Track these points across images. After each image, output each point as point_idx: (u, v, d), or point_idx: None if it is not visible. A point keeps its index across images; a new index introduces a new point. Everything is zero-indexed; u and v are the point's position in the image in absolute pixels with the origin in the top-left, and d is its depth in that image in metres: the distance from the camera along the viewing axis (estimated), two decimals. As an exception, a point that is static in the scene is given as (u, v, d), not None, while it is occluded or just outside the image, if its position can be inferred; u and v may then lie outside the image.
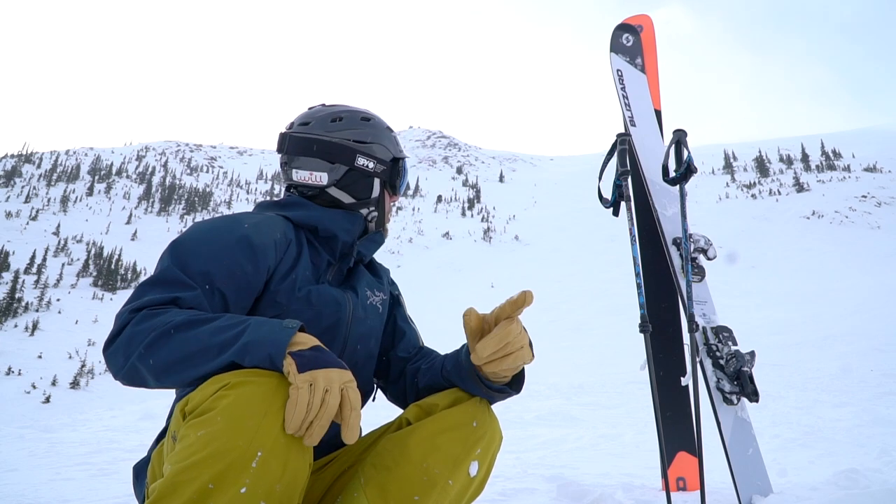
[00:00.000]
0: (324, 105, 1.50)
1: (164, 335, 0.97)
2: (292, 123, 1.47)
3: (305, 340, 0.96)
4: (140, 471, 1.19)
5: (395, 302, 1.53)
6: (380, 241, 1.46)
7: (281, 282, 1.22)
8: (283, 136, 1.46)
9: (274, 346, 0.93)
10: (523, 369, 1.20)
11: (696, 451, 2.27)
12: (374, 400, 1.44)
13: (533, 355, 1.14)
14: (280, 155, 1.46)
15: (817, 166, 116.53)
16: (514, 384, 1.21)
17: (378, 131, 1.46)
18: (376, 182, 1.43)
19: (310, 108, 1.50)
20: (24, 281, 79.25)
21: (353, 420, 0.92)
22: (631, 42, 3.02)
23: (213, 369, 0.96)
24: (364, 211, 1.43)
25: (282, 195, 1.48)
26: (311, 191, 1.43)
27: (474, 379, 1.16)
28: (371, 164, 1.42)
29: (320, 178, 1.40)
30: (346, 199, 1.42)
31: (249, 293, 1.17)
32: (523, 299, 1.07)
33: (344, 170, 1.41)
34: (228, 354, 0.95)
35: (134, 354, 0.98)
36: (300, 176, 1.41)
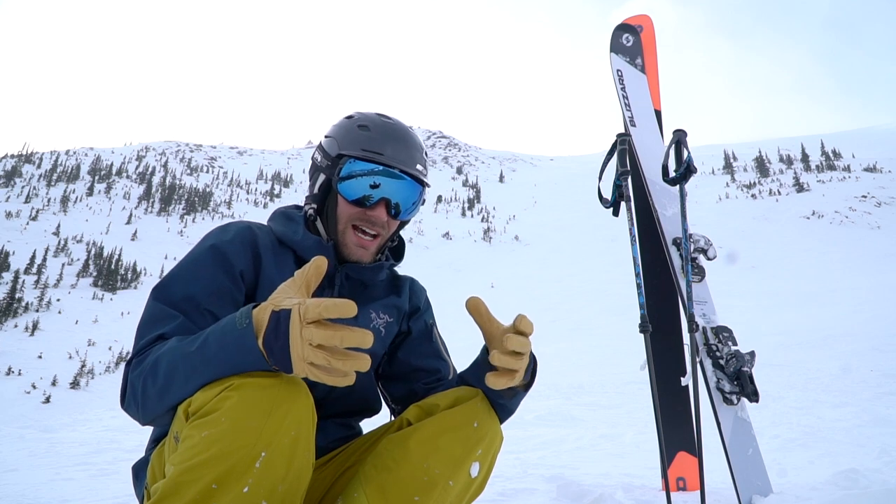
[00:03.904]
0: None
1: (149, 379, 1.00)
2: None
3: (262, 332, 0.89)
4: (139, 470, 1.19)
5: (427, 334, 1.42)
6: (374, 268, 1.32)
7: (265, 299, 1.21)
8: None
9: (251, 356, 0.90)
10: (535, 368, 1.16)
11: (696, 451, 2.27)
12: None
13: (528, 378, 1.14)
14: None
15: (817, 166, 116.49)
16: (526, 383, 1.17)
17: (343, 127, 1.34)
18: (320, 177, 1.33)
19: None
20: (24, 281, 79.25)
21: (340, 308, 0.82)
22: (631, 42, 3.03)
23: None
24: (307, 207, 1.37)
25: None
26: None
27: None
28: (319, 157, 1.35)
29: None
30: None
31: (235, 305, 1.17)
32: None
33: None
34: (210, 377, 0.94)
35: (140, 403, 1.02)
36: None
